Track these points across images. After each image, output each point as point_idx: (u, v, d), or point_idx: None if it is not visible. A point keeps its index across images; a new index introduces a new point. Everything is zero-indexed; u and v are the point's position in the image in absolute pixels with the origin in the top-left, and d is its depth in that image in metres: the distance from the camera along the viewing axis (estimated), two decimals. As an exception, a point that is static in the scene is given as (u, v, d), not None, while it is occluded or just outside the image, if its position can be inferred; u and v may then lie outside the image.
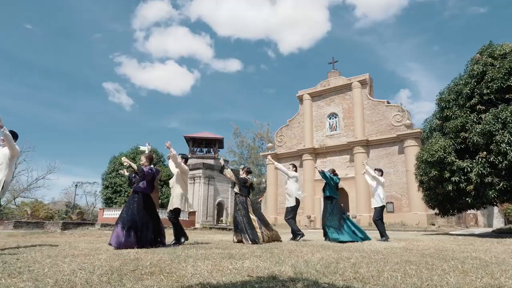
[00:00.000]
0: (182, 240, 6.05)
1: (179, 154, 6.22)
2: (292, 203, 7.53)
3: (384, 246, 5.78)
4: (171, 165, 6.29)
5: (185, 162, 6.26)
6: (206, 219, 31.45)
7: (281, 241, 6.65)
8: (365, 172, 8.43)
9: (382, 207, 8.06)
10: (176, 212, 5.99)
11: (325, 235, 7.42)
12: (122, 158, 6.15)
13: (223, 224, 27.60)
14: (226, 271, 2.94)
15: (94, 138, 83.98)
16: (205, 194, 32.55)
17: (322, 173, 7.74)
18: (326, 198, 7.66)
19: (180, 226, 6.16)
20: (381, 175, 8.31)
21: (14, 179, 33.94)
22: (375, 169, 8.43)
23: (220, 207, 34.62)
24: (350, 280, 2.57)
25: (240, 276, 2.70)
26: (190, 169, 25.69)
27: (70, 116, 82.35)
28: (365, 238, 7.23)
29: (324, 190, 7.76)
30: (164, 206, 24.91)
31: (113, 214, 20.65)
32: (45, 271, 2.81)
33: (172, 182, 6.14)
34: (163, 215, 17.02)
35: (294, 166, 8.24)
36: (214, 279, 2.55)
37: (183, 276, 2.63)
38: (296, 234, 7.35)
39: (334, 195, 7.56)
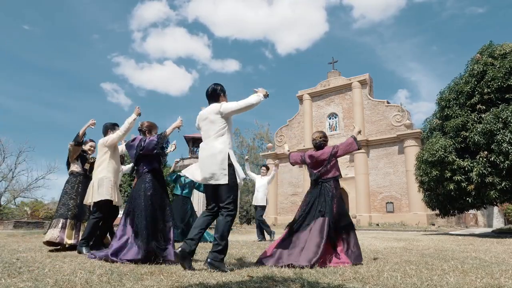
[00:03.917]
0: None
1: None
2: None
3: (384, 246, 5.79)
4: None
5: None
6: (206, 219, 31.34)
7: None
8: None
9: (263, 207, 8.16)
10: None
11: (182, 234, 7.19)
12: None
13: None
14: (226, 271, 2.94)
15: (94, 138, 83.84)
16: (204, 194, 32.51)
17: (173, 173, 7.73)
18: (183, 198, 7.72)
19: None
20: (266, 173, 8.32)
21: (14, 179, 33.88)
22: (262, 166, 8.63)
23: (220, 207, 34.54)
24: (350, 280, 2.57)
25: (240, 276, 2.70)
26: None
27: (70, 116, 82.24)
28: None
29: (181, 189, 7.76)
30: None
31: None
32: (45, 271, 2.81)
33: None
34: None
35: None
36: (214, 279, 2.54)
37: (183, 276, 2.62)
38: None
39: (188, 195, 7.78)
